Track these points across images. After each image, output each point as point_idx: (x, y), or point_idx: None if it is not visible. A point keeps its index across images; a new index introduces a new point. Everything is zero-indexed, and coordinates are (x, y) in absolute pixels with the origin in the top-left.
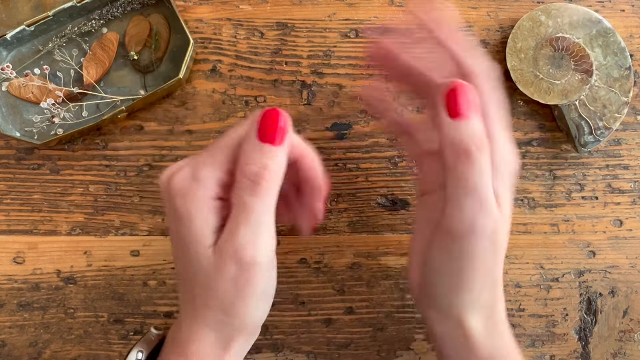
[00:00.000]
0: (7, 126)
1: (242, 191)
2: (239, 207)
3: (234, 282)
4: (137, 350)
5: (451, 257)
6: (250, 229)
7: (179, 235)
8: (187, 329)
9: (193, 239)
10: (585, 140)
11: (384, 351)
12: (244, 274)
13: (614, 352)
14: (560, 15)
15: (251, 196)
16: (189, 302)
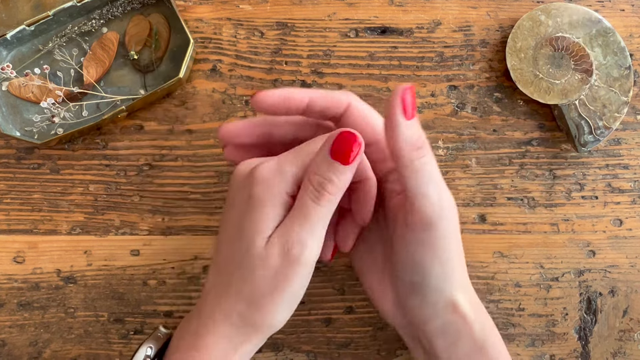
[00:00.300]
0: (7, 126)
1: (306, 194)
2: (299, 208)
3: (273, 274)
4: (146, 346)
5: (430, 246)
6: (304, 230)
7: (241, 221)
8: (203, 321)
9: (255, 227)
10: (585, 140)
11: (384, 350)
12: (286, 269)
13: (614, 351)
14: (560, 15)
15: (313, 201)
16: (218, 291)
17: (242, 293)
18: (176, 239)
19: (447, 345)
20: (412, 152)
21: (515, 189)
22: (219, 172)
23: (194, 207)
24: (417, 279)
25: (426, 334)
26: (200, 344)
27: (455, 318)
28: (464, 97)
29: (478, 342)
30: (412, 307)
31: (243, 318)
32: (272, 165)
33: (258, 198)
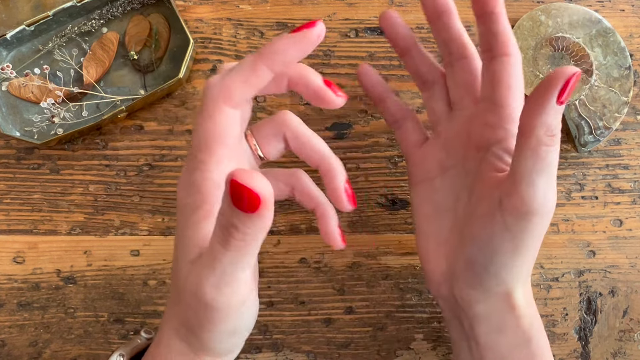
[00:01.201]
0: (7, 126)
1: (215, 237)
2: (209, 250)
3: (195, 312)
4: (117, 354)
5: (514, 236)
6: (215, 276)
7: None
8: (161, 330)
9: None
10: (585, 140)
11: (384, 351)
12: (205, 312)
13: (614, 351)
14: (560, 15)
15: (220, 245)
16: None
17: (178, 315)
18: None
19: (488, 331)
20: (545, 136)
21: None
22: None
23: None
24: (483, 261)
25: (467, 315)
26: (159, 354)
27: (503, 307)
28: None
29: (524, 336)
30: (463, 285)
31: (185, 337)
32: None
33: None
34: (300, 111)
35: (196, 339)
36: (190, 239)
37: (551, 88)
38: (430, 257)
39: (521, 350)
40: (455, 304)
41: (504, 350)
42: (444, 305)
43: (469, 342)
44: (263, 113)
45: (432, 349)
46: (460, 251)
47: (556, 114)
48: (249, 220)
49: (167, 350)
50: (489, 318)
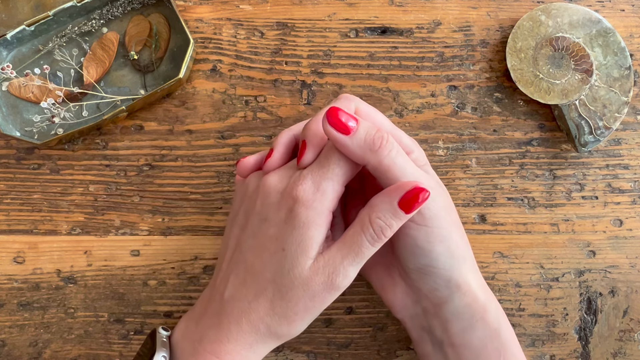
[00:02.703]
0: (7, 126)
1: (363, 234)
2: (353, 243)
3: (312, 296)
4: (161, 355)
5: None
6: (353, 266)
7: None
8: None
9: (301, 248)
10: (586, 140)
11: (384, 351)
12: (325, 294)
13: (614, 351)
14: (560, 15)
15: (369, 243)
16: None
17: (275, 307)
18: (176, 239)
19: (461, 329)
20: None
21: (516, 189)
22: (219, 172)
23: (194, 207)
24: (424, 262)
25: (440, 319)
26: (222, 350)
27: (469, 300)
28: (464, 97)
29: (492, 326)
30: (426, 292)
31: (269, 328)
32: (310, 186)
33: (303, 220)
34: (301, 111)
35: (288, 326)
36: (314, 239)
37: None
38: (385, 283)
39: (493, 342)
40: (425, 316)
41: (477, 344)
42: (413, 324)
43: (443, 349)
44: (263, 113)
45: None
46: (404, 265)
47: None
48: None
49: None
50: (460, 315)
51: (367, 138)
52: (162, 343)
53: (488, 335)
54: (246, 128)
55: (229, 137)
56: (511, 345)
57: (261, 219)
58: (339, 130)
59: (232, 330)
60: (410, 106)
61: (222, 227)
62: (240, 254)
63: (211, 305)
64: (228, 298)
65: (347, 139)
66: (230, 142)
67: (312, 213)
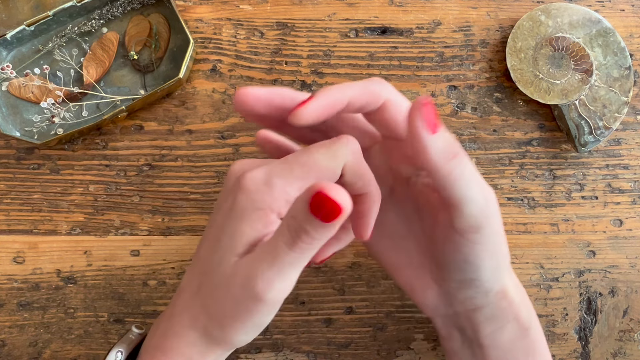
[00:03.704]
0: (7, 126)
1: (280, 236)
2: (270, 246)
3: (235, 302)
4: (116, 351)
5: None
6: (272, 271)
7: (221, 229)
8: (172, 321)
9: (230, 241)
10: (585, 140)
11: (384, 351)
12: (247, 303)
13: (614, 351)
14: (560, 15)
15: (285, 245)
16: (190, 293)
17: (207, 306)
18: (176, 239)
19: (493, 331)
20: (448, 162)
21: (515, 189)
22: (219, 172)
23: (193, 207)
24: (472, 276)
25: (472, 321)
26: (166, 345)
27: (504, 304)
28: (464, 97)
29: (524, 326)
30: (462, 299)
31: (206, 329)
32: (260, 176)
33: (239, 209)
34: None
35: (221, 330)
36: (244, 235)
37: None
38: (415, 285)
39: (522, 342)
40: (456, 317)
41: (506, 345)
42: (442, 322)
43: (472, 349)
44: None
45: (432, 349)
46: (445, 275)
47: (441, 140)
48: (322, 229)
49: (177, 340)
50: (494, 317)
51: (446, 144)
52: (125, 339)
53: (518, 335)
54: (246, 128)
55: (229, 137)
56: (540, 345)
57: (217, 206)
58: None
59: (175, 325)
60: None
61: None
62: (201, 241)
63: (173, 296)
64: (179, 290)
65: (430, 139)
66: (230, 142)
67: (249, 205)
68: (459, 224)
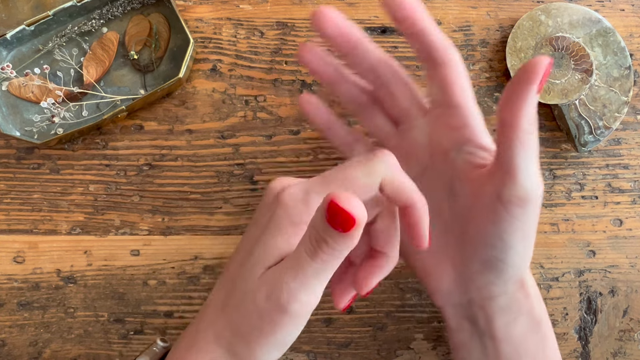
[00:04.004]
0: (7, 126)
1: (303, 247)
2: (295, 257)
3: (259, 315)
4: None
5: (522, 223)
6: (296, 282)
7: (255, 242)
8: (197, 335)
9: (262, 253)
10: (585, 140)
11: (384, 351)
12: (272, 315)
13: (614, 351)
14: (560, 15)
15: (307, 255)
16: (216, 307)
17: (232, 320)
18: (176, 239)
19: (506, 322)
20: (530, 126)
21: None
22: (219, 172)
23: (194, 207)
24: (501, 256)
25: (486, 311)
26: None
27: (520, 295)
28: None
29: (536, 319)
30: (481, 285)
31: (230, 345)
32: (298, 192)
33: (276, 224)
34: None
35: (246, 346)
36: (276, 248)
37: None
38: (431, 270)
39: (534, 336)
40: (470, 306)
41: (518, 338)
42: (453, 312)
43: (483, 340)
44: (263, 112)
45: (432, 349)
46: (470, 255)
47: (535, 103)
48: (340, 239)
49: (200, 356)
50: (508, 308)
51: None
52: (149, 352)
53: (530, 329)
54: (246, 128)
55: (229, 136)
56: (550, 340)
57: (254, 221)
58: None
59: (199, 340)
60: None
61: (222, 227)
62: (233, 254)
63: (200, 308)
64: (206, 303)
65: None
66: (230, 142)
67: (286, 220)
68: (510, 193)
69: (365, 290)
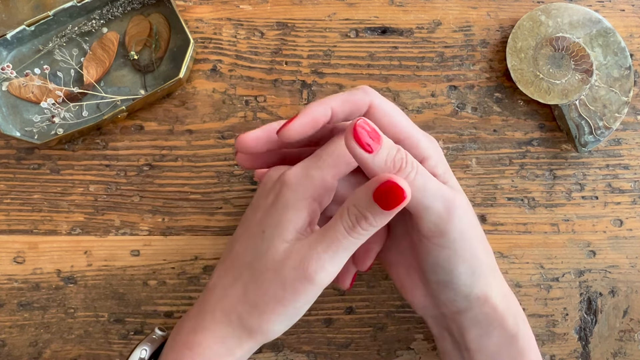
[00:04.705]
0: (7, 126)
1: (340, 222)
2: (329, 231)
3: (283, 284)
4: (141, 349)
5: (450, 248)
6: (327, 254)
7: (263, 222)
8: (201, 316)
9: (276, 228)
10: (586, 140)
11: (384, 351)
12: (296, 284)
13: (614, 351)
14: (560, 15)
15: (345, 230)
16: (223, 287)
17: (247, 294)
18: (176, 239)
19: (478, 336)
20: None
21: (516, 189)
22: (219, 172)
23: (194, 207)
24: (446, 278)
25: (458, 325)
26: (194, 341)
27: (487, 310)
28: (464, 97)
29: (510, 332)
30: (445, 301)
31: (241, 320)
32: (299, 171)
33: (284, 202)
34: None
35: (258, 317)
36: (291, 223)
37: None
38: (405, 285)
39: (509, 349)
40: (443, 319)
41: (493, 350)
42: (433, 322)
43: (460, 351)
44: (263, 113)
45: (432, 349)
46: (425, 276)
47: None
48: (382, 216)
49: (205, 335)
50: (477, 322)
51: (387, 159)
52: (149, 339)
53: (504, 342)
54: (246, 128)
55: (229, 137)
56: (529, 352)
57: (253, 208)
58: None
59: (206, 319)
60: (410, 106)
61: (222, 227)
62: (230, 243)
63: (199, 297)
64: (210, 286)
65: (369, 158)
66: (230, 142)
67: (294, 196)
68: (422, 230)
69: (366, 266)
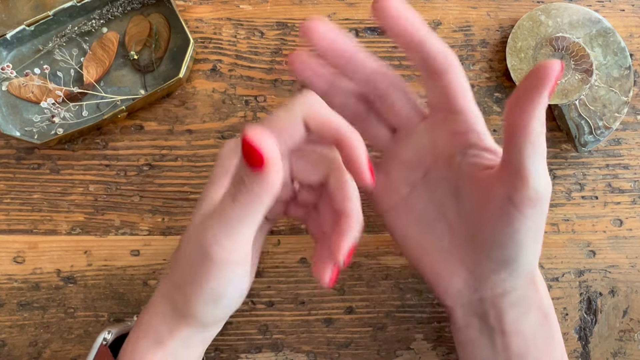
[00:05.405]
0: (7, 126)
1: (227, 190)
2: (220, 203)
3: (190, 264)
4: (107, 331)
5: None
6: (220, 227)
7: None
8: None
9: (199, 207)
10: (585, 140)
11: (384, 351)
12: (200, 264)
13: (614, 351)
14: (560, 15)
15: (229, 197)
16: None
17: (172, 274)
18: (176, 239)
19: (516, 318)
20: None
21: None
22: None
23: (194, 207)
24: (512, 255)
25: (497, 307)
26: (140, 321)
27: (530, 290)
28: None
29: (544, 312)
30: (494, 283)
31: (173, 303)
32: (232, 143)
33: (212, 176)
34: None
35: (183, 298)
36: (211, 199)
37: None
38: (441, 271)
39: (543, 330)
40: (480, 304)
41: (528, 331)
42: (463, 310)
43: (492, 336)
44: (263, 113)
45: (432, 349)
46: (483, 255)
47: (545, 106)
48: (255, 177)
49: (153, 313)
50: (519, 303)
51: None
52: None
53: (539, 323)
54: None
55: (229, 137)
56: (557, 332)
57: None
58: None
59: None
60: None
61: None
62: None
63: None
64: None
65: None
66: None
67: (219, 171)
68: (521, 195)
69: (340, 256)
